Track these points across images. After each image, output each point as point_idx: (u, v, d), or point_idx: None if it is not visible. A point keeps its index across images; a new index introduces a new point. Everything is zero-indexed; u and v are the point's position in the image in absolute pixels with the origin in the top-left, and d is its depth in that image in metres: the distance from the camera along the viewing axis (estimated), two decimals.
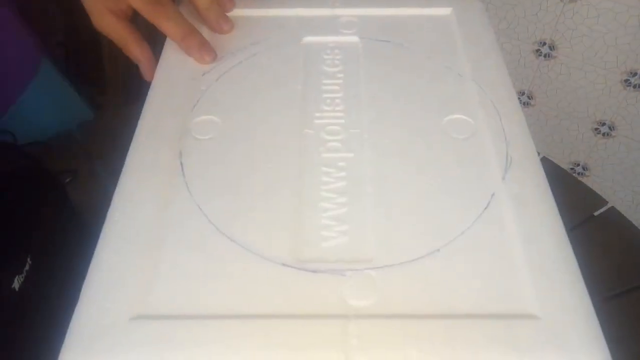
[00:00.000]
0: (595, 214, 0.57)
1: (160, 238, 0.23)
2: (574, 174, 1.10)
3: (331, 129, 0.28)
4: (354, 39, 0.33)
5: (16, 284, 0.38)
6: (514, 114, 0.28)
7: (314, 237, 0.23)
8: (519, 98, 1.07)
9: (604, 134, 1.02)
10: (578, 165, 1.11)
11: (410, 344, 0.19)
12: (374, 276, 0.21)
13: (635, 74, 0.90)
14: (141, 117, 0.28)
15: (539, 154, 0.63)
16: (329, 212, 0.24)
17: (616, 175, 1.07)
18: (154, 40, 0.34)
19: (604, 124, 1.01)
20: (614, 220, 0.57)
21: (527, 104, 1.07)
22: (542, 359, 0.19)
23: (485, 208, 0.24)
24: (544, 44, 0.96)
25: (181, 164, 0.26)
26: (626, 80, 0.92)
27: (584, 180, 1.11)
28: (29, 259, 0.39)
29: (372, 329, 0.20)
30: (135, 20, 0.32)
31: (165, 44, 0.33)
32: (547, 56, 0.98)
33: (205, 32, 0.33)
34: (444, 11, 0.34)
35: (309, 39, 0.33)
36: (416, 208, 0.24)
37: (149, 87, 0.30)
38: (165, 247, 0.22)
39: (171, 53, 0.32)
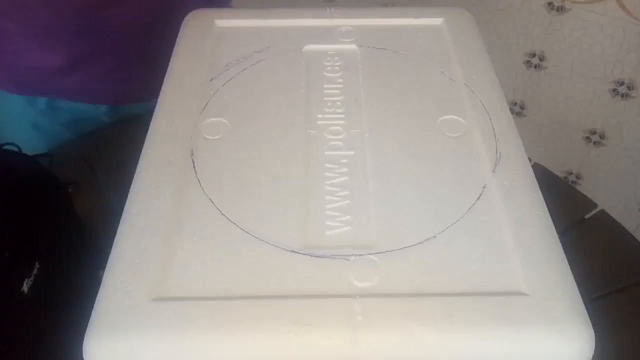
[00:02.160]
0: (586, 216, 0.59)
1: (176, 228, 0.24)
2: (574, 186, 1.12)
3: (333, 129, 0.30)
4: (353, 47, 0.35)
5: (25, 287, 0.39)
6: (502, 114, 0.30)
7: (319, 226, 0.25)
8: (511, 108, 1.09)
9: (595, 143, 1.05)
10: (571, 173, 1.13)
11: (411, 320, 0.21)
12: (375, 260, 0.23)
13: (622, 83, 0.93)
14: (153, 119, 0.30)
15: (530, 160, 0.65)
16: (333, 204, 0.26)
17: (608, 182, 1.09)
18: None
19: (594, 133, 1.04)
20: (605, 223, 0.59)
21: (520, 114, 1.10)
22: (530, 331, 0.21)
23: (478, 198, 0.26)
24: (534, 55, 0.99)
25: (193, 161, 0.27)
26: (614, 90, 0.95)
27: (577, 188, 1.13)
28: (37, 263, 0.40)
29: (375, 307, 0.21)
30: None
31: (173, 53, 0.35)
32: (537, 67, 1.01)
33: (212, 40, 0.35)
34: (436, 21, 0.37)
35: (310, 47, 0.35)
36: (414, 199, 0.26)
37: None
38: (181, 236, 0.24)
39: (179, 61, 0.34)
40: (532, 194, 0.26)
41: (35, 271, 0.39)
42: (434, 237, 0.24)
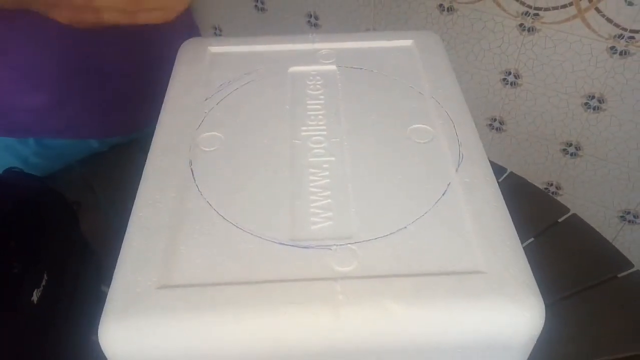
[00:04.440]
0: (559, 220, 0.63)
1: (178, 226, 0.28)
2: (549, 194, 1.17)
3: (315, 139, 0.33)
4: (332, 67, 0.39)
5: (35, 297, 0.42)
6: (464, 122, 0.34)
7: (304, 222, 0.28)
8: (491, 124, 1.15)
9: (571, 154, 1.10)
10: (551, 184, 1.18)
11: (385, 297, 0.24)
12: (354, 249, 0.26)
13: (593, 97, 0.99)
14: (155, 135, 0.34)
15: (506, 169, 0.69)
16: (317, 202, 0.29)
17: (587, 192, 1.14)
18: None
19: (570, 145, 1.09)
20: (576, 226, 0.63)
21: (500, 129, 1.15)
22: (489, 303, 0.24)
23: (443, 194, 0.29)
24: (510, 73, 1.05)
25: (192, 170, 0.31)
26: (586, 103, 1.00)
27: (558, 198, 1.18)
28: (45, 275, 0.43)
29: (354, 287, 0.25)
30: None
31: (171, 76, 0.39)
32: (513, 84, 1.06)
33: (206, 64, 0.39)
34: (407, 42, 0.41)
35: (294, 68, 0.39)
36: (387, 197, 0.29)
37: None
38: (182, 233, 0.27)
39: (177, 83, 0.38)
40: (490, 189, 0.29)
41: (44, 282, 0.42)
42: (405, 227, 0.27)
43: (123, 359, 0.24)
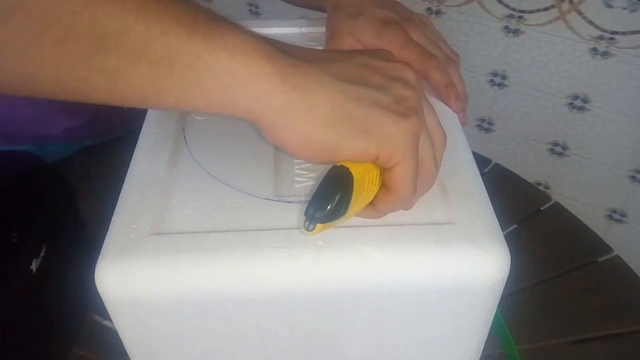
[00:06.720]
0: (542, 208, 0.65)
1: (171, 182, 0.29)
2: (531, 183, 1.19)
3: None
4: (319, 49, 0.41)
5: (34, 266, 0.43)
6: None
7: (289, 181, 0.30)
8: (480, 125, 1.17)
9: (558, 154, 1.12)
10: (540, 184, 1.20)
11: (361, 242, 0.26)
12: None
13: (577, 97, 1.02)
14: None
15: (491, 160, 0.71)
16: (301, 164, 0.31)
17: (574, 191, 1.16)
18: None
19: (557, 145, 1.11)
20: (558, 214, 0.65)
21: (489, 129, 1.18)
22: (457, 249, 0.26)
23: None
24: (497, 74, 1.08)
25: (184, 135, 0.33)
26: (570, 103, 1.03)
27: None
28: (44, 247, 0.45)
29: (333, 235, 0.26)
30: None
31: None
32: (500, 85, 1.09)
33: None
34: None
35: None
36: None
37: None
38: (174, 188, 0.29)
39: None
40: (462, 154, 0.31)
41: (42, 253, 0.44)
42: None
43: (118, 299, 0.25)
